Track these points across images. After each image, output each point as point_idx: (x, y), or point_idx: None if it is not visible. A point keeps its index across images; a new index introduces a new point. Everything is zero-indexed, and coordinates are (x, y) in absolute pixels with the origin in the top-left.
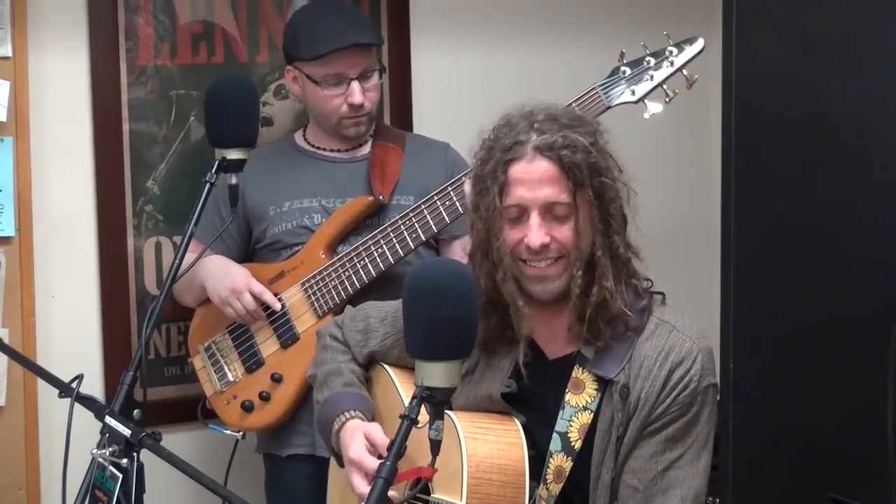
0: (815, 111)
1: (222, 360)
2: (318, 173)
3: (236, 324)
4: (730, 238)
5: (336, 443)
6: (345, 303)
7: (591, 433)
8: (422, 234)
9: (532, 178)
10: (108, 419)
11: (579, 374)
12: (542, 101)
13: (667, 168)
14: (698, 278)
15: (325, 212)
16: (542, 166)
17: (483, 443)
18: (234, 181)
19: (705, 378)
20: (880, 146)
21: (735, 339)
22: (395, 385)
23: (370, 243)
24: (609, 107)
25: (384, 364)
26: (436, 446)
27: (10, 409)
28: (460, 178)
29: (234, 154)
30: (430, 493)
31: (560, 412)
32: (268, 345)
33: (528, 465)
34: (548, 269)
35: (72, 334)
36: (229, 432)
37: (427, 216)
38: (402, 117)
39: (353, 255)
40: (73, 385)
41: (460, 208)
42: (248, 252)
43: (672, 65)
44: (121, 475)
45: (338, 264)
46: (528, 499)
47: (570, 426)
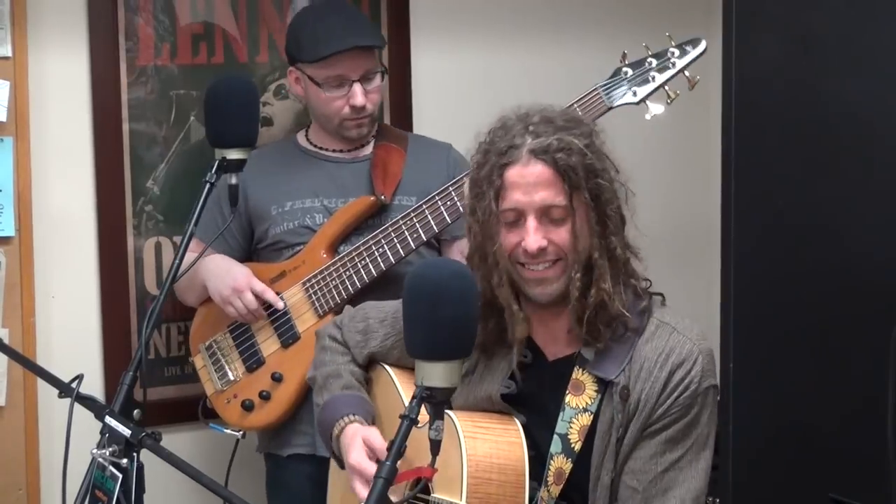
0: (815, 111)
1: (223, 360)
2: (320, 173)
3: (237, 323)
4: (730, 238)
5: (336, 447)
6: (346, 302)
7: (590, 434)
8: (423, 234)
9: (528, 181)
10: (108, 419)
11: (579, 375)
12: (538, 102)
13: (666, 168)
14: (698, 278)
15: (327, 212)
16: (538, 170)
17: (483, 442)
18: (234, 181)
19: (706, 379)
20: (880, 146)
21: (735, 339)
22: (395, 385)
23: (371, 243)
24: (611, 108)
25: (384, 364)
26: (436, 446)
27: (10, 409)
28: (462, 177)
29: (234, 154)
30: (429, 493)
31: (560, 414)
32: (268, 344)
33: (529, 466)
34: (546, 271)
35: (72, 334)
36: (230, 431)
37: (428, 216)
38: (402, 117)
39: (354, 254)
40: (73, 385)
41: (461, 208)
42: (250, 252)
43: (674, 66)
44: (121, 475)
45: (339, 264)
46: (528, 499)
47: (570, 428)
